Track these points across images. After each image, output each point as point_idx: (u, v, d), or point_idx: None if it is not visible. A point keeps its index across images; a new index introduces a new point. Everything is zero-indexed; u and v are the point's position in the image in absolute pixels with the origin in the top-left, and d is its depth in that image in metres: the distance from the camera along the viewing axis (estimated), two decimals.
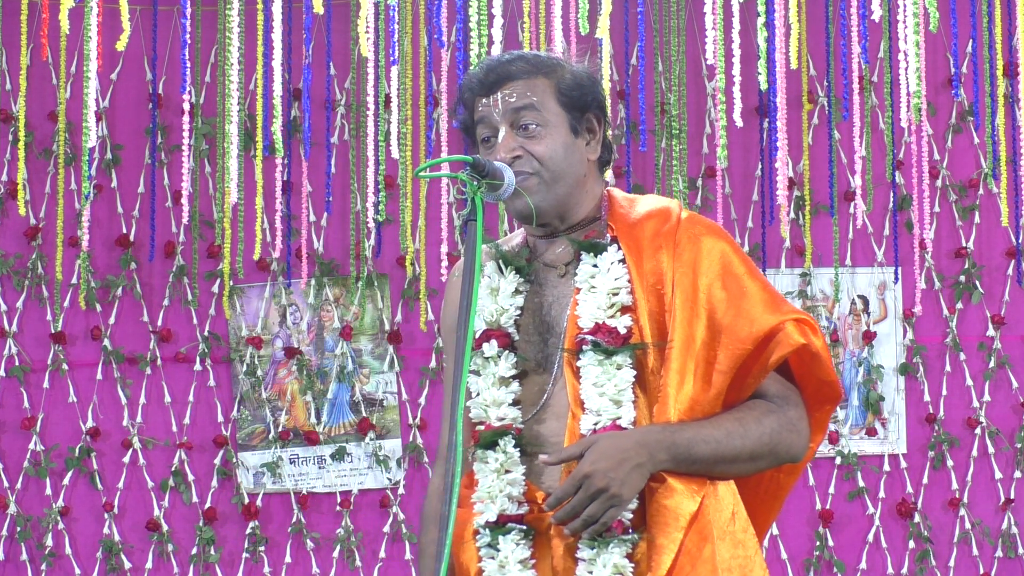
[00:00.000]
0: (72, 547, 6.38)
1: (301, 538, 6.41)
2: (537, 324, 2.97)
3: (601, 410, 2.86)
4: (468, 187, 2.83)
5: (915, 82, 5.46)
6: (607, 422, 2.86)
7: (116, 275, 6.42)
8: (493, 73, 2.98)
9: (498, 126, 2.96)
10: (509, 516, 2.88)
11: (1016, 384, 6.40)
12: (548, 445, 2.89)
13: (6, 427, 6.41)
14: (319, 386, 6.45)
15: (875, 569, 6.37)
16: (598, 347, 2.88)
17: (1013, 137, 6.06)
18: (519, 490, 2.88)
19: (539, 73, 2.99)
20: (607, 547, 2.81)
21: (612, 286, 2.92)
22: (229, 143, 5.76)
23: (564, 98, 2.99)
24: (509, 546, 2.86)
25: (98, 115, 6.27)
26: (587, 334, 2.89)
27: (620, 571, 2.81)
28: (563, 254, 3.00)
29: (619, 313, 2.91)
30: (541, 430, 2.91)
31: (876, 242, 6.43)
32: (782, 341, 2.89)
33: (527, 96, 2.96)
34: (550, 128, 2.96)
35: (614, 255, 2.95)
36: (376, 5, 5.70)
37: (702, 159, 6.41)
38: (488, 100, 2.97)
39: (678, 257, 2.93)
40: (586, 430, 2.86)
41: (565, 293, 2.97)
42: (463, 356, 2.67)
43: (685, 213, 3.00)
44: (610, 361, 2.88)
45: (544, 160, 2.94)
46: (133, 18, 5.96)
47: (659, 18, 6.24)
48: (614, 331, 2.89)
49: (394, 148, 5.82)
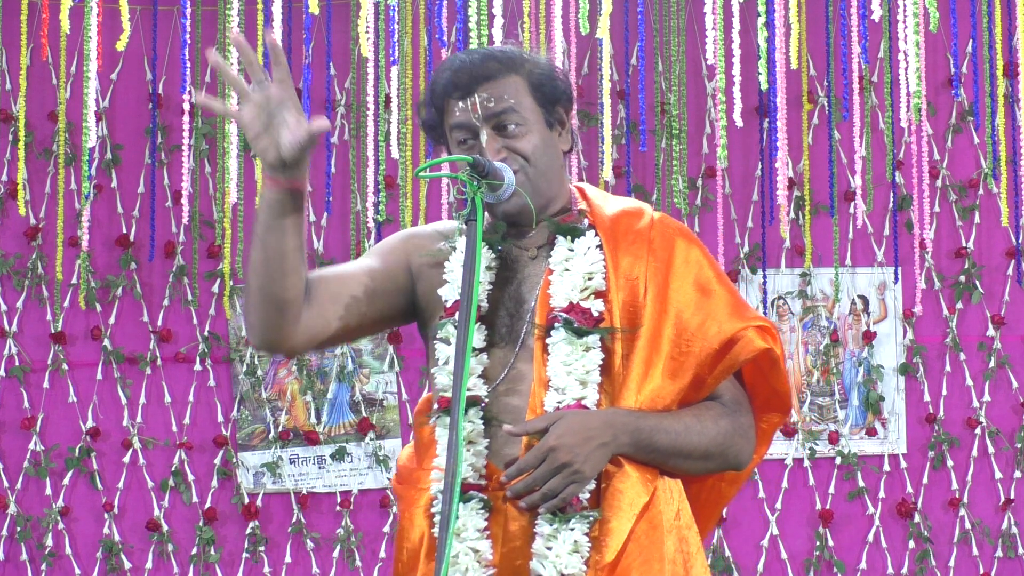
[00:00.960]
0: (72, 547, 6.38)
1: (301, 538, 6.41)
2: (505, 301, 2.97)
3: (567, 388, 2.87)
4: (468, 187, 2.83)
5: (915, 82, 5.46)
6: (571, 401, 2.86)
7: (116, 275, 6.43)
8: (466, 74, 2.96)
9: (478, 129, 2.95)
10: (470, 484, 2.87)
11: (1016, 384, 6.40)
12: (511, 419, 2.89)
13: (6, 427, 6.41)
14: (319, 386, 6.45)
15: (875, 569, 6.37)
16: (570, 326, 2.89)
17: (1013, 137, 6.06)
18: (482, 461, 2.89)
19: (511, 71, 2.98)
20: (567, 523, 2.82)
21: (588, 270, 2.93)
22: (229, 143, 5.76)
23: (537, 93, 2.99)
24: (468, 514, 2.85)
25: (98, 115, 6.27)
26: (561, 312, 2.90)
27: (578, 549, 2.81)
28: (535, 238, 3.01)
29: (592, 296, 2.92)
30: (504, 403, 2.92)
31: (876, 242, 6.43)
32: (746, 345, 2.93)
33: (504, 99, 2.95)
34: (530, 125, 2.97)
35: (591, 240, 2.97)
36: (376, 5, 5.70)
37: (702, 159, 6.41)
38: (465, 104, 2.96)
39: (652, 253, 2.96)
40: (550, 407, 2.86)
41: (536, 273, 2.98)
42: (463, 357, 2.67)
43: (658, 214, 3.03)
44: (580, 342, 2.89)
45: (529, 157, 2.95)
46: (133, 18, 5.96)
47: (659, 18, 6.24)
48: (587, 312, 2.91)
49: (394, 148, 5.82)
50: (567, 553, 2.81)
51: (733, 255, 6.39)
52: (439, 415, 2.92)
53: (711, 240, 6.25)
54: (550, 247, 2.99)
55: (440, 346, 2.94)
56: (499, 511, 2.87)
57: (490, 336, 2.95)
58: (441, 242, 3.05)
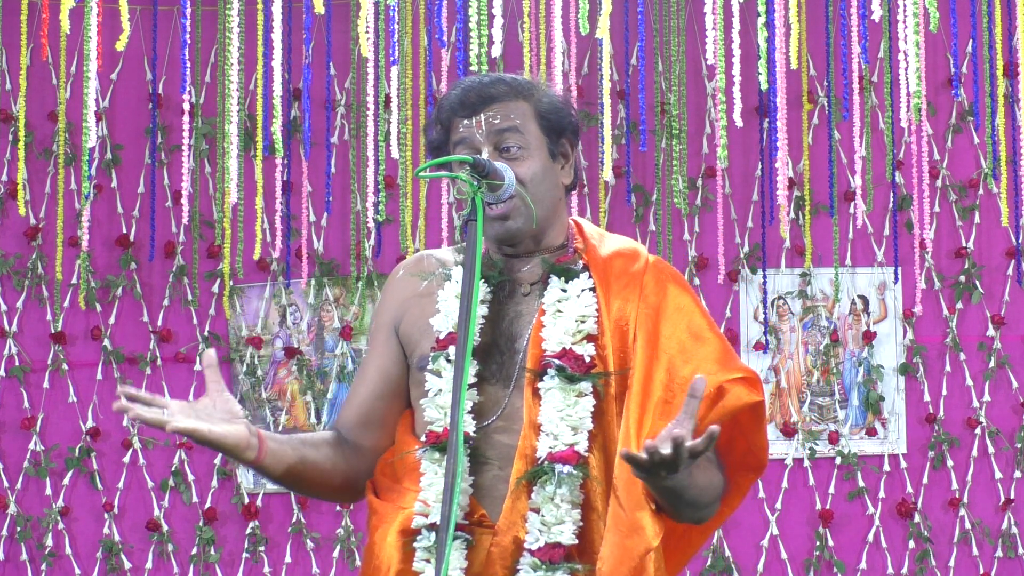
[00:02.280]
0: (72, 547, 6.38)
1: (301, 538, 6.41)
2: (496, 337, 2.96)
3: (559, 435, 2.86)
4: (468, 187, 2.82)
5: (915, 82, 5.46)
6: (563, 447, 2.86)
7: (116, 275, 6.43)
8: (474, 94, 2.97)
9: (480, 147, 2.95)
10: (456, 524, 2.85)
11: (1016, 384, 6.40)
12: (498, 456, 2.89)
13: (6, 427, 6.41)
14: (319, 386, 6.45)
15: (875, 569, 6.37)
16: (562, 372, 2.89)
17: (1013, 137, 6.06)
18: (466, 499, 2.88)
19: (519, 96, 2.99)
20: (553, 572, 2.81)
21: (580, 312, 2.93)
22: (229, 143, 5.76)
23: (544, 121, 2.99)
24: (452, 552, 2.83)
25: (98, 115, 6.27)
26: (553, 357, 2.90)
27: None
28: (530, 273, 3.00)
29: (585, 340, 2.92)
30: (495, 441, 2.91)
31: (876, 242, 6.43)
32: (735, 396, 2.91)
33: (510, 119, 2.96)
34: (531, 151, 2.96)
35: (585, 283, 2.96)
36: (376, 5, 5.70)
37: (702, 159, 6.41)
38: (471, 121, 2.96)
39: (644, 299, 2.95)
40: (542, 452, 2.86)
41: (528, 311, 2.97)
42: (463, 358, 2.67)
43: (652, 257, 3.03)
44: (573, 387, 2.88)
45: (526, 182, 2.94)
46: (133, 18, 5.96)
47: (659, 18, 6.24)
48: (580, 358, 2.90)
49: (394, 148, 5.82)
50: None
51: (733, 255, 6.40)
52: (427, 449, 2.91)
53: (711, 240, 6.25)
54: (543, 285, 2.98)
55: (431, 378, 2.93)
56: (481, 549, 2.87)
57: (481, 371, 2.94)
58: (426, 272, 3.04)
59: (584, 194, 6.35)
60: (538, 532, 2.84)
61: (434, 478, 2.89)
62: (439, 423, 2.90)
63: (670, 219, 6.34)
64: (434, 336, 2.96)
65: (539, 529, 2.84)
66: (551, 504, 2.85)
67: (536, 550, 2.83)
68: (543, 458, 2.85)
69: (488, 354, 2.95)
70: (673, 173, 6.04)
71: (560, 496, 2.84)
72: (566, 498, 2.85)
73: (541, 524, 2.84)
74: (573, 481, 2.85)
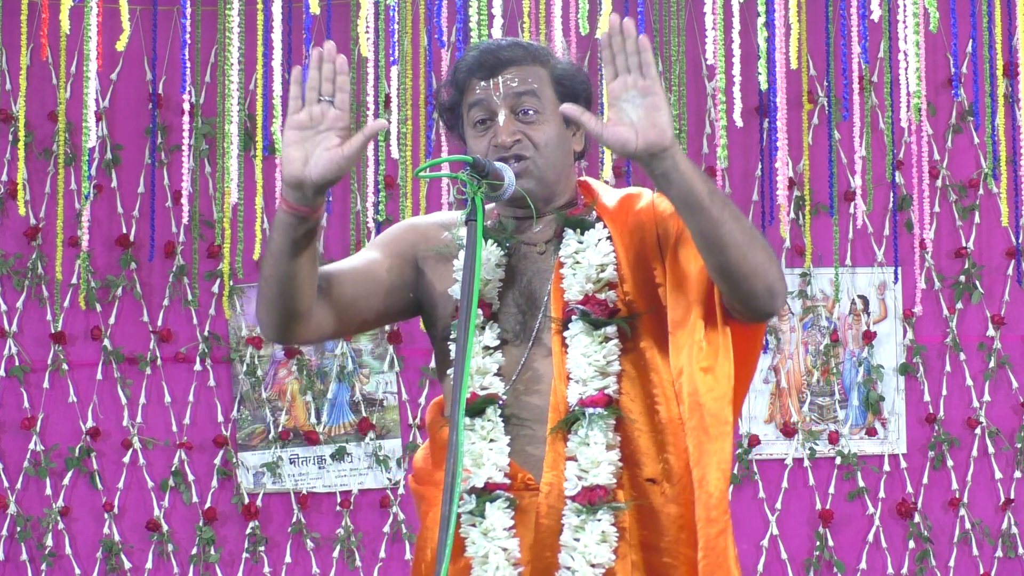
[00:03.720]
0: (72, 547, 6.38)
1: (301, 538, 6.41)
2: (515, 297, 2.99)
3: (588, 380, 2.89)
4: (468, 187, 2.83)
5: (915, 82, 5.46)
6: (593, 391, 2.89)
7: (116, 275, 6.43)
8: (492, 56, 2.99)
9: (497, 110, 2.97)
10: (495, 484, 2.88)
11: (1016, 384, 6.40)
12: (531, 416, 2.91)
13: (6, 427, 6.41)
14: (319, 386, 6.45)
15: (875, 569, 6.37)
16: (587, 317, 2.91)
17: (1013, 137, 6.06)
18: (505, 460, 2.89)
19: (536, 61, 3.02)
20: (595, 514, 2.84)
21: (600, 261, 2.96)
22: (229, 143, 5.76)
23: (559, 87, 3.02)
24: (495, 513, 2.86)
25: (98, 115, 6.27)
26: (577, 304, 2.92)
27: (606, 538, 2.83)
28: (542, 232, 3.03)
29: (606, 288, 2.94)
30: (524, 402, 2.93)
31: (876, 242, 6.43)
32: None
33: (528, 82, 2.98)
34: (547, 115, 2.99)
35: (600, 232, 2.99)
36: (376, 5, 5.70)
37: (702, 159, 6.41)
38: (488, 83, 2.98)
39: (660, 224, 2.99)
40: (572, 400, 2.89)
41: (545, 269, 3.00)
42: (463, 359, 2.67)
43: (654, 193, 3.06)
44: (598, 333, 2.91)
45: (540, 147, 2.97)
46: (133, 18, 5.96)
47: (659, 18, 6.24)
48: (603, 303, 2.93)
49: (394, 148, 5.82)
50: (595, 543, 2.83)
51: None
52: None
53: None
54: (558, 241, 3.00)
55: (454, 346, 2.93)
56: (526, 511, 2.88)
57: (502, 333, 2.96)
58: (445, 234, 3.05)
59: None
60: (576, 478, 2.86)
61: (468, 445, 2.89)
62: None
63: None
64: (454, 305, 2.97)
65: (577, 475, 2.86)
66: (585, 448, 2.87)
67: (576, 495, 2.86)
68: (573, 405, 2.88)
69: (507, 315, 2.97)
70: None
71: (593, 439, 2.87)
72: (599, 440, 2.87)
73: (579, 470, 2.87)
74: (605, 422, 2.88)
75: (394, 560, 6.38)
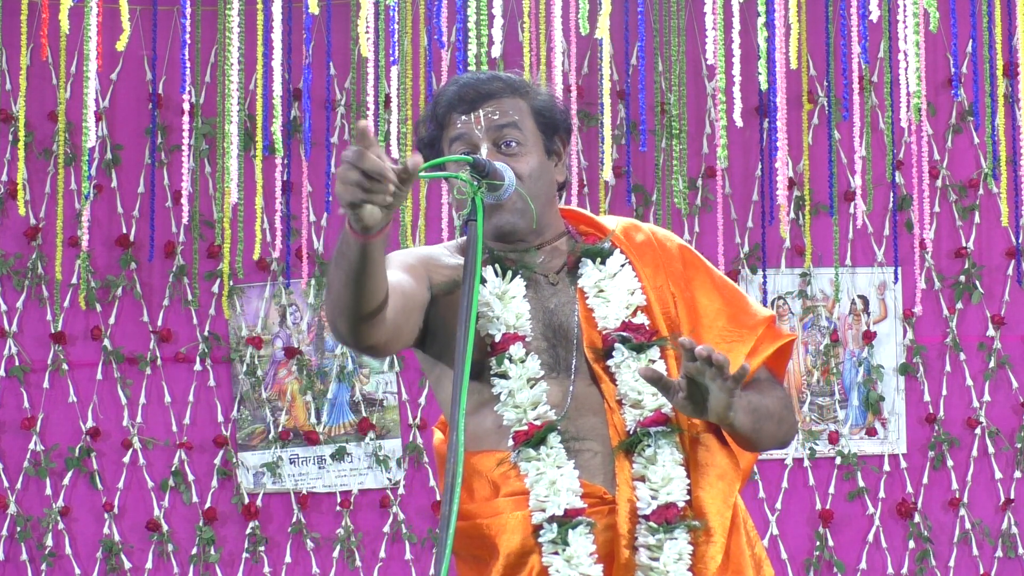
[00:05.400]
0: (72, 547, 6.38)
1: (301, 538, 6.41)
2: (543, 329, 2.98)
3: (644, 402, 2.91)
4: (468, 187, 2.82)
5: (915, 82, 5.46)
6: (650, 412, 2.91)
7: (116, 275, 6.43)
8: (472, 90, 2.99)
9: (479, 143, 2.96)
10: (575, 510, 2.88)
11: (1016, 384, 6.40)
12: (591, 439, 2.92)
13: (6, 427, 6.41)
14: (319, 386, 6.45)
15: (875, 569, 6.37)
16: (628, 343, 2.93)
17: (1013, 137, 6.06)
18: (577, 483, 2.89)
19: (516, 93, 3.02)
20: (671, 532, 2.85)
21: (629, 286, 2.98)
22: (229, 143, 5.76)
23: (539, 118, 3.03)
24: (578, 539, 2.85)
25: (98, 115, 6.27)
26: (617, 331, 2.94)
27: (682, 557, 2.85)
28: (550, 264, 3.03)
29: (639, 312, 2.97)
30: (580, 428, 2.94)
31: (876, 242, 6.43)
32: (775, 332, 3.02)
33: (509, 114, 2.98)
34: (529, 147, 2.99)
35: (619, 258, 3.01)
36: (376, 5, 5.70)
37: (702, 159, 6.41)
38: (469, 117, 2.98)
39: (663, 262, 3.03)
40: (631, 424, 2.90)
41: (566, 300, 3.00)
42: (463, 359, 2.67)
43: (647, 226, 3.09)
44: (644, 356, 2.93)
45: (524, 178, 2.96)
46: (133, 18, 5.96)
47: (659, 18, 6.24)
48: (641, 327, 2.95)
49: (394, 148, 5.82)
50: (672, 562, 2.84)
51: (733, 255, 6.40)
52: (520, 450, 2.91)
53: (711, 240, 6.25)
54: (569, 271, 3.02)
55: (498, 382, 2.94)
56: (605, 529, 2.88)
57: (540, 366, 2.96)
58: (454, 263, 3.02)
59: (584, 194, 6.35)
60: (649, 498, 2.87)
61: (537, 475, 2.89)
62: (522, 423, 2.92)
63: (670, 219, 6.34)
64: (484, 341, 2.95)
65: (650, 495, 2.87)
66: (655, 466, 2.88)
67: (651, 514, 2.86)
68: (633, 429, 2.90)
69: (537, 348, 2.97)
70: (673, 173, 6.04)
71: (661, 457, 2.89)
72: (668, 457, 2.89)
73: (651, 489, 2.88)
74: (670, 439, 2.90)
75: (394, 560, 6.39)
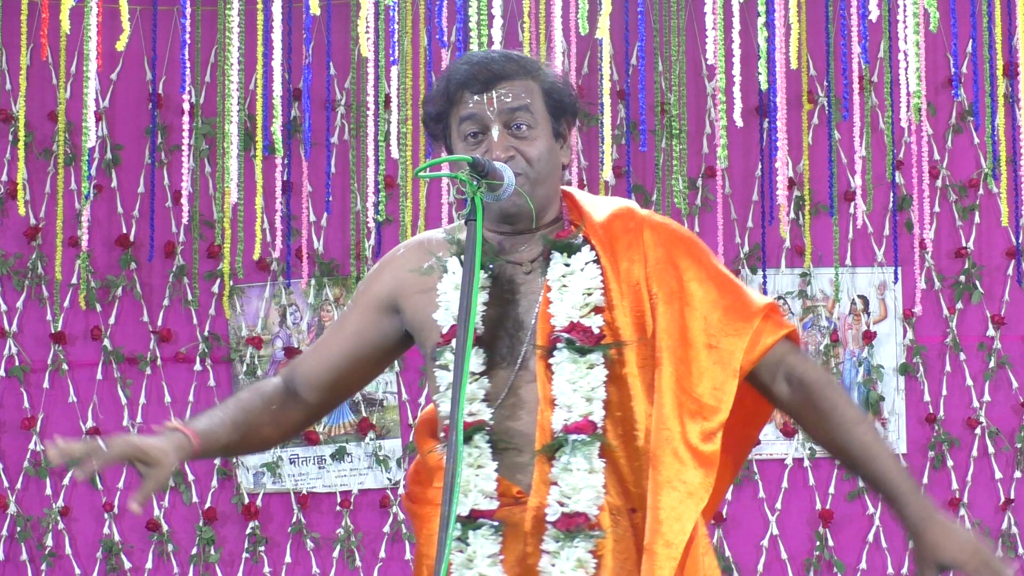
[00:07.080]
0: (72, 547, 6.38)
1: (301, 538, 6.41)
2: (503, 320, 2.97)
3: (573, 406, 2.89)
4: (468, 187, 2.82)
5: (915, 82, 5.46)
6: (578, 418, 2.88)
7: (116, 275, 6.43)
8: (486, 70, 2.98)
9: (491, 124, 2.96)
10: (481, 511, 2.89)
11: (1016, 384, 6.40)
12: (519, 440, 2.91)
13: (6, 427, 6.41)
14: None
15: (875, 569, 6.37)
16: (572, 345, 2.91)
17: (1013, 137, 6.06)
18: (492, 485, 2.89)
19: (528, 75, 3.01)
20: (572, 540, 2.83)
21: (586, 286, 2.94)
22: (229, 143, 5.76)
23: (549, 100, 3.01)
24: (479, 541, 2.87)
25: (98, 115, 6.27)
26: (562, 332, 2.91)
27: (583, 565, 2.83)
28: (528, 252, 3.01)
29: (592, 313, 2.93)
30: (511, 425, 2.93)
31: (876, 242, 6.43)
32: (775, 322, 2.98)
33: (521, 97, 2.97)
34: (539, 130, 2.98)
35: (587, 255, 2.97)
36: (376, 5, 5.70)
37: (702, 159, 6.41)
38: (482, 98, 2.97)
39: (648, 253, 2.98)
40: (558, 425, 2.88)
41: (532, 290, 2.98)
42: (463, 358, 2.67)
43: (644, 212, 3.05)
44: (584, 360, 2.90)
45: (533, 162, 2.96)
46: (133, 18, 5.96)
47: (659, 18, 6.24)
48: (588, 330, 2.92)
49: (394, 148, 5.82)
50: (571, 569, 2.83)
51: (733, 255, 6.40)
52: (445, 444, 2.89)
53: (711, 240, 6.25)
54: (544, 261, 2.99)
55: (440, 373, 2.94)
56: (517, 528, 2.88)
57: (489, 357, 2.95)
58: (428, 261, 3.03)
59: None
60: (557, 503, 2.86)
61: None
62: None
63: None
64: (438, 330, 2.96)
65: (558, 500, 2.86)
66: (568, 474, 2.87)
67: (556, 521, 2.86)
68: (558, 431, 2.88)
69: (494, 338, 2.96)
70: (673, 173, 6.04)
71: (576, 465, 2.86)
72: (582, 467, 2.87)
73: (560, 495, 2.87)
74: (588, 449, 2.87)
75: (394, 560, 6.39)
